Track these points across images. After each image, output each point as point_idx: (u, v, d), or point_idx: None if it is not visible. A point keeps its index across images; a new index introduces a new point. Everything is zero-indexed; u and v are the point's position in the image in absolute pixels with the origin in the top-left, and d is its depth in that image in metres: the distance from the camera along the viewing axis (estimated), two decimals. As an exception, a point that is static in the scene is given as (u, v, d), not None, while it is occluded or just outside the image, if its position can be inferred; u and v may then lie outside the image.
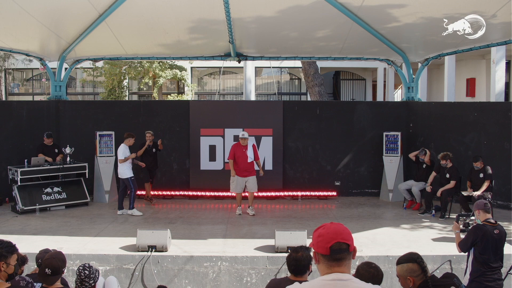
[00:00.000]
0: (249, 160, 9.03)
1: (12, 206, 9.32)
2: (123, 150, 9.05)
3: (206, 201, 10.33)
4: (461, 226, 4.97)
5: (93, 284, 3.94)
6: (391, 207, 9.87)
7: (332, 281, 2.11)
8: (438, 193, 8.78)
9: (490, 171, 8.42)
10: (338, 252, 2.11)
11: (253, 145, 9.30)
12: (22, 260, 3.64)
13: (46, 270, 3.46)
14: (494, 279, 4.62)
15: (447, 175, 8.86)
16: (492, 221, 4.78)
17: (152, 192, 10.59)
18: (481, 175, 8.46)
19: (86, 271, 3.92)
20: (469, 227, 4.95)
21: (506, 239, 4.86)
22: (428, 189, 9.00)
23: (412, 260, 3.25)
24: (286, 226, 8.16)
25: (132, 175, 9.12)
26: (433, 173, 9.14)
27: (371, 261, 3.60)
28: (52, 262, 3.48)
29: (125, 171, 9.06)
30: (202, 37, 10.33)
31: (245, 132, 9.24)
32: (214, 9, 8.39)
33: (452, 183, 8.75)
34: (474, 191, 8.45)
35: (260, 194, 10.45)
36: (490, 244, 4.63)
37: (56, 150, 10.07)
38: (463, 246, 4.79)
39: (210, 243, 7.22)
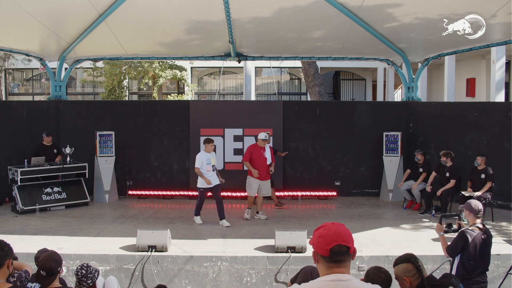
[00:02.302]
0: (268, 162, 8.68)
1: (12, 206, 9.31)
2: (200, 158, 8.31)
3: (206, 201, 10.28)
4: (444, 227, 4.89)
5: (90, 284, 3.94)
6: (391, 207, 9.87)
7: (332, 282, 2.11)
8: (438, 193, 8.77)
9: (491, 172, 8.42)
10: (338, 255, 2.11)
11: (270, 147, 8.96)
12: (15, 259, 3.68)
13: (41, 272, 3.50)
14: (477, 282, 4.59)
15: (447, 174, 8.86)
16: (481, 226, 4.70)
17: (151, 192, 10.60)
18: (483, 176, 8.47)
19: (83, 271, 3.94)
20: (452, 227, 4.86)
21: (506, 239, 4.84)
22: (428, 189, 9.00)
23: (406, 260, 3.28)
24: (286, 226, 8.16)
25: (204, 186, 8.33)
26: (433, 173, 9.15)
27: (381, 266, 3.61)
28: (45, 264, 3.52)
29: (198, 179, 8.43)
30: (202, 37, 10.33)
31: (267, 133, 8.76)
32: (214, 9, 8.39)
33: (452, 182, 8.75)
34: (474, 191, 8.45)
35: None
36: (479, 250, 4.59)
37: (55, 151, 9.99)
38: (451, 252, 4.71)
39: (210, 243, 7.22)
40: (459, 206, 5.18)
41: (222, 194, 10.36)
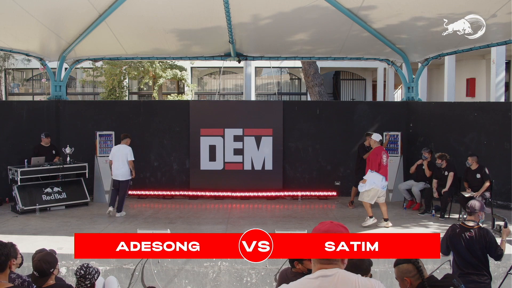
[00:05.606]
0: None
1: (12, 206, 9.32)
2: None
3: (206, 201, 10.33)
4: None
5: (89, 285, 3.94)
6: (391, 207, 9.82)
7: (315, 279, 2.17)
8: (446, 188, 8.68)
9: (487, 171, 8.40)
10: None
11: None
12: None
13: (34, 272, 3.55)
14: (474, 281, 4.58)
15: (445, 173, 8.86)
16: (470, 223, 4.73)
17: (151, 192, 10.59)
18: (478, 176, 8.44)
19: (81, 271, 3.96)
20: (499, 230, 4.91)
21: (506, 239, 4.82)
22: (436, 195, 8.90)
23: (407, 260, 3.27)
24: (286, 226, 8.16)
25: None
26: (435, 181, 9.09)
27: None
28: (37, 265, 3.57)
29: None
30: (202, 37, 10.32)
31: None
32: (214, 9, 8.40)
33: (450, 175, 8.70)
34: (473, 191, 8.43)
35: (260, 194, 10.47)
36: (461, 246, 4.65)
37: (54, 152, 9.98)
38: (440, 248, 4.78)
39: (210, 243, 7.21)
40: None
41: (222, 194, 10.46)
